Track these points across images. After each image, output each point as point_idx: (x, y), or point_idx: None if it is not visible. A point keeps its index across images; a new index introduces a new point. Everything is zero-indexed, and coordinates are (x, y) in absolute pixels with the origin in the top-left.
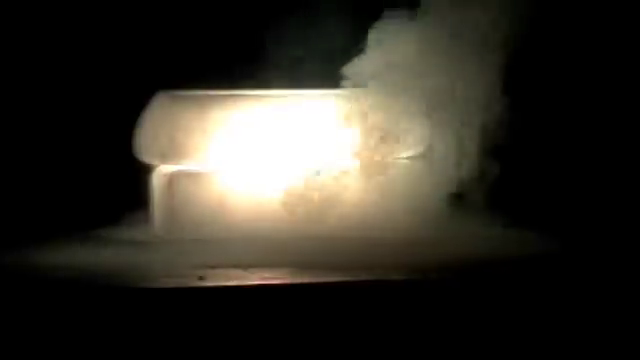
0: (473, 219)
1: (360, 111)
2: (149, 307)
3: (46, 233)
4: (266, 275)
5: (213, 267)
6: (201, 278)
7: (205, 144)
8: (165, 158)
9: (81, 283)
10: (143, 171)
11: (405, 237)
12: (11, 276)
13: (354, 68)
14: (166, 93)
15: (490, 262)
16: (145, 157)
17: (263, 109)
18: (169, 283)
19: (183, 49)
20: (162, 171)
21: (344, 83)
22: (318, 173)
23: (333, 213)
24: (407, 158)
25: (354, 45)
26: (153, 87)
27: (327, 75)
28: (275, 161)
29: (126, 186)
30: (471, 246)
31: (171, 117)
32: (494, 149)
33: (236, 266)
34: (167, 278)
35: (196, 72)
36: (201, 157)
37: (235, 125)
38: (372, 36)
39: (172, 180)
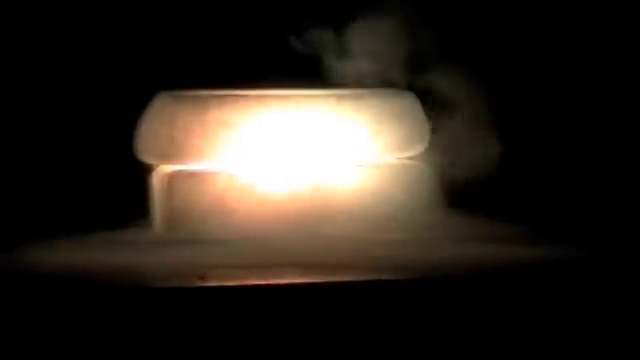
0: (473, 219)
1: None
2: (149, 307)
3: (45, 233)
4: (266, 275)
5: (213, 267)
6: (201, 278)
7: (205, 144)
8: (165, 158)
9: (80, 283)
10: (143, 171)
11: (405, 237)
12: (10, 277)
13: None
14: (166, 93)
15: (490, 263)
16: (145, 157)
17: (263, 109)
18: (169, 283)
19: (183, 49)
20: (162, 171)
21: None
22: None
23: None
24: (407, 158)
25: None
26: (153, 87)
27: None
28: (275, 161)
29: (126, 186)
30: (471, 247)
31: (171, 117)
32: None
33: (236, 266)
34: (167, 278)
35: (196, 72)
36: (201, 157)
37: (235, 125)
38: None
39: (172, 180)
